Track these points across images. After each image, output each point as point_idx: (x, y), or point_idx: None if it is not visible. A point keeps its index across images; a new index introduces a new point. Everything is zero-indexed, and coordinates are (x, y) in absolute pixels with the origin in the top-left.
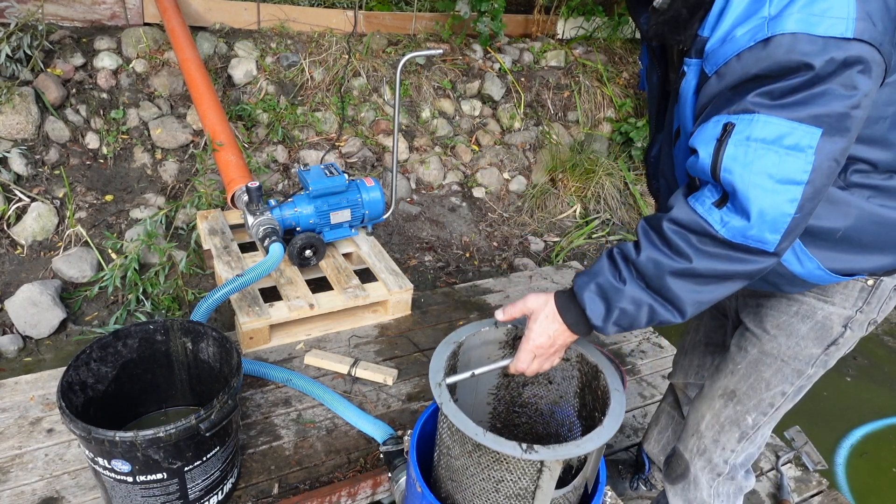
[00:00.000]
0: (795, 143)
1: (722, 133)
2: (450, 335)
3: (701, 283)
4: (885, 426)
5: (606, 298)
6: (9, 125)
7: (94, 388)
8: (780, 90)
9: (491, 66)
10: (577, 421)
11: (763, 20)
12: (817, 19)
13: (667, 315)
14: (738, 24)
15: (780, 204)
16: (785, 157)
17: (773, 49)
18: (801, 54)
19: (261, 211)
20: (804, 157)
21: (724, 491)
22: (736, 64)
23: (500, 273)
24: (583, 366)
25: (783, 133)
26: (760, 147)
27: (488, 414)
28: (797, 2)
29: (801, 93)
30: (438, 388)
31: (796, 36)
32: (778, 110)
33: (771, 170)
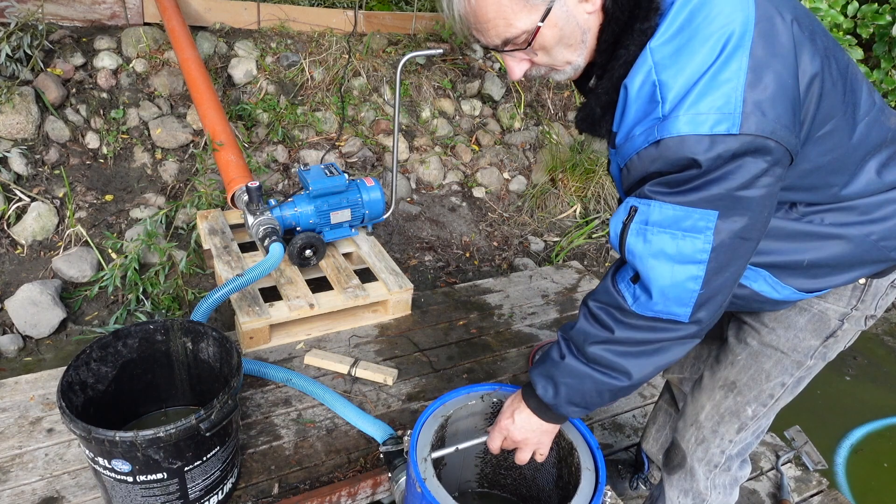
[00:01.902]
0: (692, 225)
1: (627, 216)
2: (438, 408)
3: (630, 349)
4: (885, 426)
5: (551, 376)
6: (9, 125)
7: (94, 387)
8: (675, 180)
9: (491, 65)
10: (554, 490)
11: (656, 122)
12: (703, 118)
13: (613, 381)
14: (637, 123)
15: (682, 282)
16: (682, 239)
17: (664, 150)
18: (690, 153)
19: (261, 211)
20: (702, 237)
21: (721, 482)
22: (637, 160)
23: (500, 273)
24: (560, 441)
25: (679, 217)
26: (657, 230)
27: (476, 475)
28: (685, 102)
29: (692, 182)
30: (424, 464)
31: (683, 138)
32: (672, 196)
33: (668, 250)
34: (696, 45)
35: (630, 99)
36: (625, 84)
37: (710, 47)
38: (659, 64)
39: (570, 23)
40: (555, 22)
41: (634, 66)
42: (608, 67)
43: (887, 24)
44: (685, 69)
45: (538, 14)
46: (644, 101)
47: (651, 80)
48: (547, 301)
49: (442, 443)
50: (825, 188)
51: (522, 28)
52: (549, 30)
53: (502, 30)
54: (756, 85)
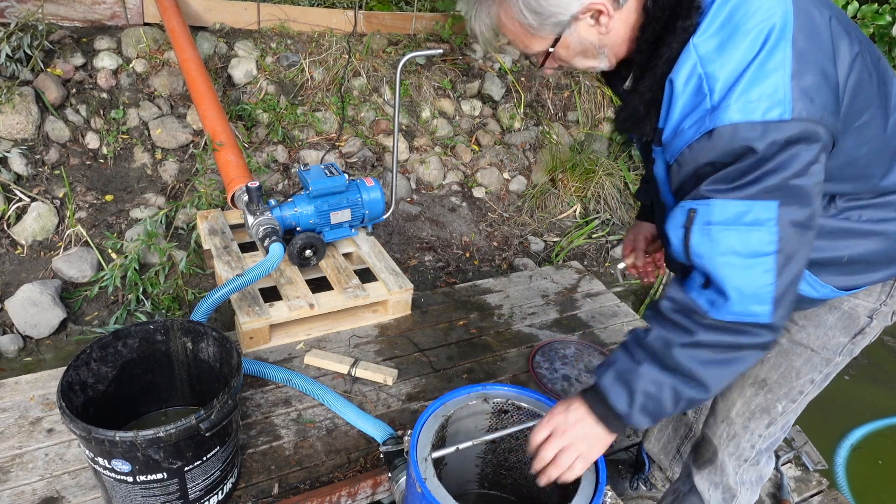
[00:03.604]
0: (755, 218)
1: (686, 220)
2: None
3: (711, 353)
4: (885, 426)
5: (626, 382)
6: (9, 125)
7: (94, 388)
8: (731, 175)
9: (491, 65)
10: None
11: (705, 112)
12: (755, 105)
13: (690, 392)
14: (685, 116)
15: (755, 277)
16: (747, 233)
17: (717, 140)
18: (744, 140)
19: (261, 211)
20: (766, 229)
21: (748, 478)
22: (688, 153)
23: (500, 273)
24: None
25: (741, 212)
26: (721, 228)
27: (476, 475)
28: (734, 91)
29: (750, 174)
30: (424, 463)
31: (736, 126)
32: (731, 192)
33: (737, 247)
34: (739, 39)
35: (676, 93)
36: (670, 79)
37: (752, 40)
38: (704, 57)
39: (583, 43)
40: (567, 45)
41: (679, 62)
42: (650, 65)
43: (887, 24)
44: (730, 61)
45: (549, 41)
46: (691, 94)
47: (697, 74)
48: (547, 301)
49: (442, 443)
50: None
51: (537, 50)
52: (562, 50)
53: (522, 48)
54: (801, 74)
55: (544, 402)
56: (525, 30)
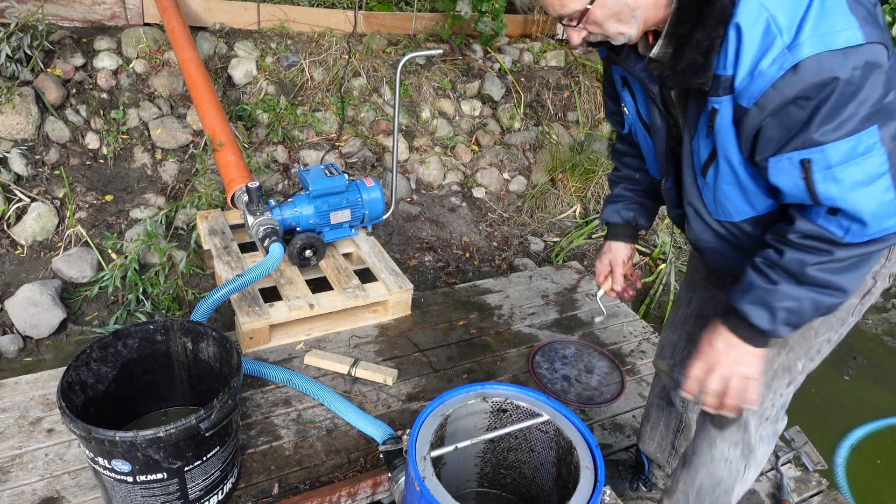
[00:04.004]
0: (865, 147)
1: (802, 170)
2: (438, 408)
3: (846, 263)
4: (885, 426)
5: (765, 303)
6: (9, 125)
7: (94, 388)
8: (830, 114)
9: (491, 66)
10: (554, 489)
11: (784, 49)
12: (831, 36)
13: (830, 299)
14: (760, 57)
15: (881, 197)
16: (863, 162)
17: (804, 72)
18: (830, 70)
19: (261, 211)
20: (876, 152)
21: (766, 434)
22: (773, 93)
23: (500, 273)
24: (560, 440)
25: (852, 147)
26: (842, 168)
27: (476, 475)
28: (805, 26)
29: (846, 108)
30: (423, 462)
31: (820, 56)
32: (837, 132)
33: (860, 178)
34: None
35: (744, 38)
36: (735, 24)
37: None
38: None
39: (619, 3)
40: (603, 3)
41: (740, 7)
42: (702, 18)
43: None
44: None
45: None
46: (760, 36)
47: (764, 16)
48: (547, 301)
49: (441, 442)
50: None
51: (575, 8)
52: (598, 9)
53: (558, 8)
54: (855, 8)
55: (543, 400)
56: None
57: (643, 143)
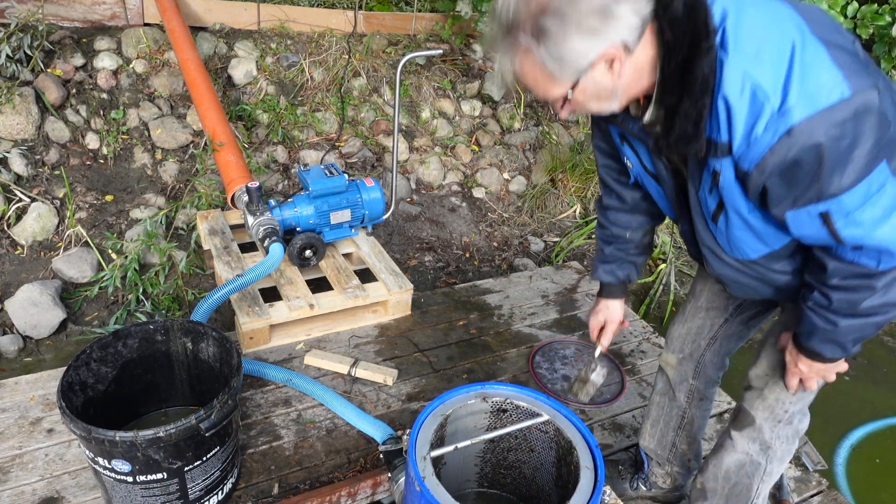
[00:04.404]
0: (878, 186)
1: (823, 221)
2: (438, 407)
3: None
4: (885, 426)
5: (833, 340)
6: (9, 125)
7: (94, 388)
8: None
9: (490, 66)
10: (554, 489)
11: (774, 114)
12: (818, 95)
13: (890, 314)
14: (753, 124)
15: None
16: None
17: (798, 136)
18: (823, 131)
19: (261, 211)
20: (889, 185)
21: (784, 434)
22: (771, 157)
23: (500, 273)
24: (560, 440)
25: (865, 190)
26: (861, 211)
27: (476, 475)
28: (792, 87)
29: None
30: (423, 462)
31: (811, 118)
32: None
33: (878, 214)
34: (769, 44)
35: (733, 107)
36: (723, 96)
37: (780, 41)
38: (748, 69)
39: (597, 87)
40: (583, 89)
41: (723, 79)
42: (686, 90)
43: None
44: (772, 65)
45: (568, 86)
46: (748, 104)
47: (749, 84)
48: (547, 301)
49: (441, 442)
50: None
51: (557, 95)
52: (579, 95)
53: (541, 94)
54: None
55: (543, 400)
56: (546, 77)
57: (653, 190)
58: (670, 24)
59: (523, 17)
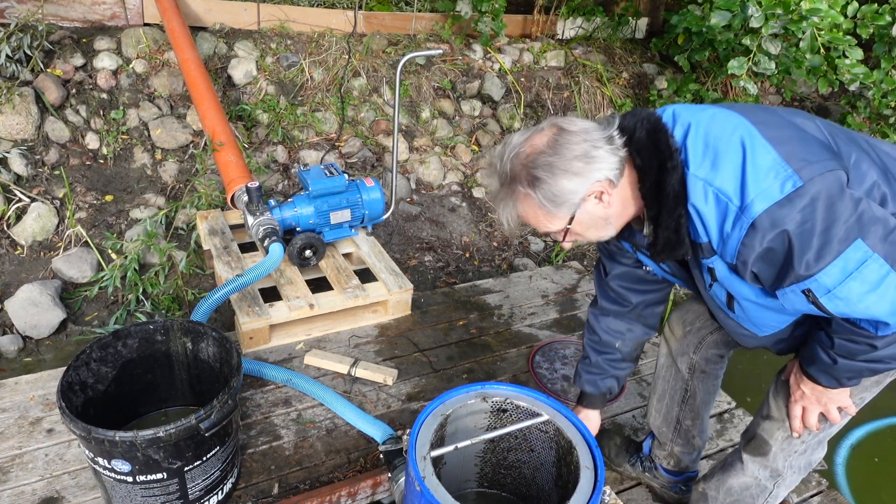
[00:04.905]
0: (856, 262)
1: (808, 297)
2: (438, 407)
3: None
4: (885, 426)
5: (829, 373)
6: (9, 125)
7: (94, 388)
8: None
9: (491, 66)
10: (554, 489)
11: (737, 212)
12: (771, 189)
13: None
14: (722, 223)
15: (891, 296)
16: (860, 275)
17: (760, 229)
18: (781, 220)
19: (261, 211)
20: (871, 261)
21: (797, 464)
22: (745, 249)
23: (500, 273)
24: (560, 440)
25: (842, 267)
26: (841, 288)
27: (476, 475)
28: (748, 186)
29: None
30: (423, 462)
31: (769, 210)
32: (821, 263)
33: (863, 289)
34: (724, 154)
35: (702, 213)
36: (692, 205)
37: (733, 149)
38: (707, 179)
39: (592, 218)
40: (580, 221)
41: (689, 191)
42: (662, 204)
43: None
44: (729, 171)
45: (565, 220)
46: (714, 207)
47: (711, 191)
48: (547, 301)
49: (441, 441)
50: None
51: (556, 229)
52: (577, 226)
53: (543, 229)
54: (785, 148)
55: (543, 400)
56: (546, 215)
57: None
58: (638, 151)
59: (518, 171)
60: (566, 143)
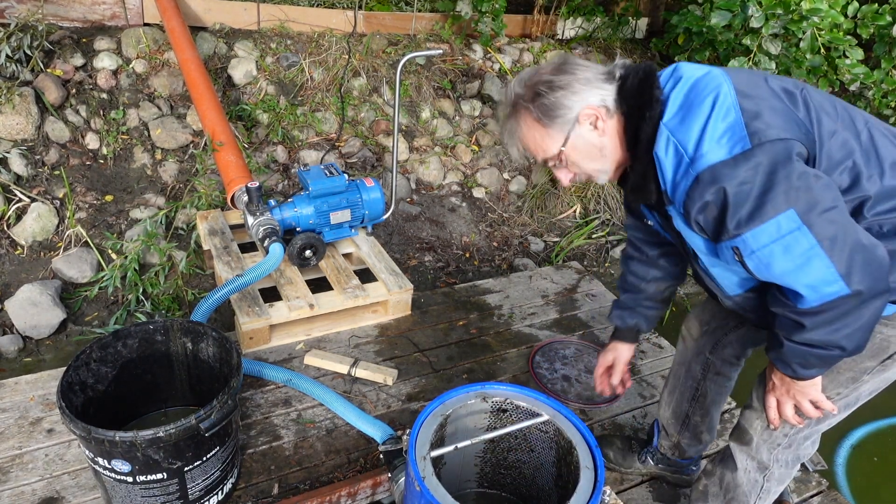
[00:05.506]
0: (788, 230)
1: (735, 254)
2: (438, 407)
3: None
4: (885, 426)
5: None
6: (9, 125)
7: (94, 388)
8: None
9: (491, 66)
10: (554, 489)
11: (687, 165)
12: (721, 148)
13: (831, 353)
14: (675, 173)
15: (814, 270)
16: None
17: (702, 183)
18: (721, 178)
19: (261, 211)
20: (799, 232)
21: (783, 458)
22: (688, 201)
23: (500, 273)
24: (560, 440)
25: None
26: (766, 250)
27: (476, 475)
28: (703, 144)
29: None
30: (423, 462)
31: (713, 167)
32: (751, 224)
33: (786, 257)
34: (695, 110)
35: (661, 161)
36: (655, 153)
37: (705, 107)
38: (672, 130)
39: (587, 143)
40: (574, 145)
41: (657, 139)
42: (636, 148)
43: (887, 24)
44: (693, 126)
45: (560, 140)
46: (672, 158)
47: (672, 142)
48: (547, 301)
49: (441, 442)
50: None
51: (553, 152)
52: (572, 151)
53: (541, 154)
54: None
55: (543, 400)
56: (541, 136)
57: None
58: (626, 98)
59: (522, 91)
60: (568, 68)
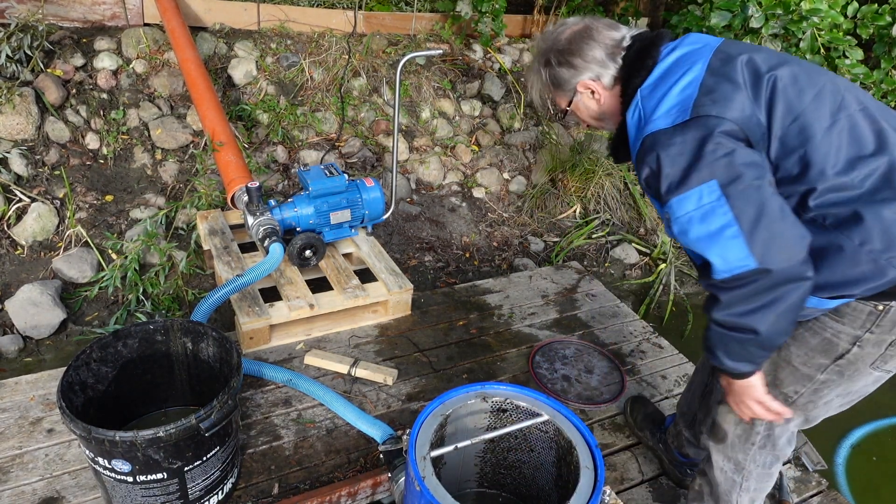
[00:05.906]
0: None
1: (664, 219)
2: (438, 407)
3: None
4: (885, 426)
5: (709, 348)
6: (9, 125)
7: (94, 388)
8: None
9: (491, 66)
10: (554, 489)
11: (640, 129)
12: (665, 116)
13: (747, 337)
14: (634, 137)
15: (726, 242)
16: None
17: (645, 146)
18: (657, 144)
19: (261, 211)
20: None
21: (762, 459)
22: (637, 162)
23: (500, 273)
24: (560, 440)
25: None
26: (686, 219)
27: (476, 475)
28: (656, 111)
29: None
30: (423, 462)
31: (654, 134)
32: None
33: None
34: (667, 80)
35: (629, 124)
36: (624, 115)
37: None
38: (643, 97)
39: (588, 108)
40: (577, 106)
41: (631, 105)
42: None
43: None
44: (656, 95)
45: (566, 102)
46: (635, 122)
47: (638, 109)
48: (547, 301)
49: (441, 442)
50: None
51: (562, 107)
52: (575, 110)
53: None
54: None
55: (543, 400)
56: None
57: None
58: (625, 64)
59: (542, 51)
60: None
